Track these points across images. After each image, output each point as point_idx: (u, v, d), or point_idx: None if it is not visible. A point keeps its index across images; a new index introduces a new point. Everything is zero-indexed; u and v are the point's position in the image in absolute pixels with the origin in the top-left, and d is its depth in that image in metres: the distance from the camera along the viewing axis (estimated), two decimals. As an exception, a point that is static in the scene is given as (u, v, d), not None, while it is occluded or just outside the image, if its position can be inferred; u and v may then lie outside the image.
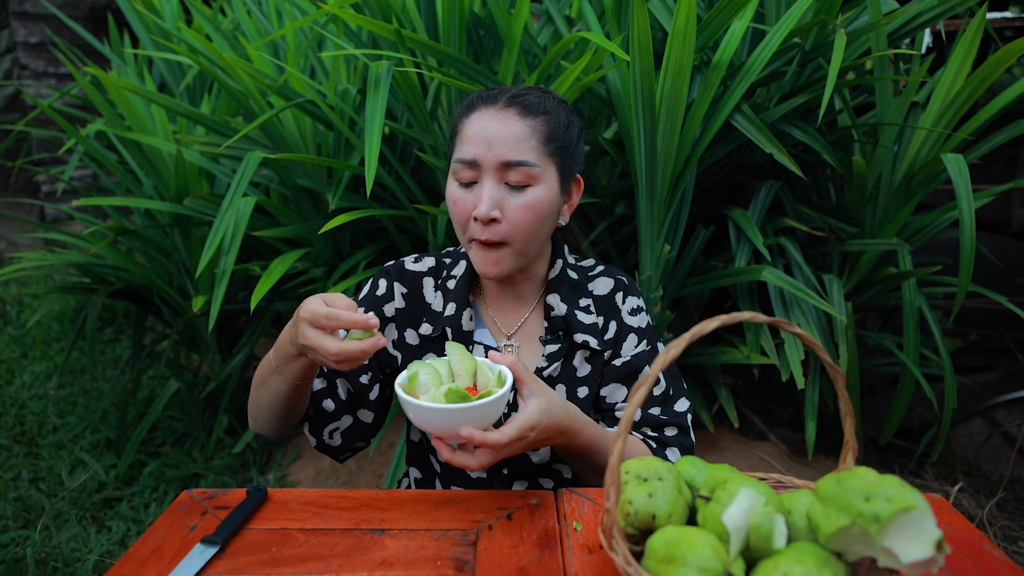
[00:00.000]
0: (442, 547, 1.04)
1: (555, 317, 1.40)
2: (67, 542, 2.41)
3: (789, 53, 2.26)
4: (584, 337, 1.40)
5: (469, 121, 1.30)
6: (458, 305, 1.40)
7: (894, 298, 2.57)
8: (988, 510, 2.66)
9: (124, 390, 3.08)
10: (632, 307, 1.46)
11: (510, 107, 1.28)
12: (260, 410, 1.32)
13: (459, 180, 1.30)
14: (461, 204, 1.30)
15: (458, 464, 1.09)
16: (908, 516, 0.78)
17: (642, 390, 0.85)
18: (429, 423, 1.06)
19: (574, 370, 1.42)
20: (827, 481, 0.85)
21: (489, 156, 1.26)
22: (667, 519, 0.92)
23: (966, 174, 2.08)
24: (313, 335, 1.09)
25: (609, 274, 1.49)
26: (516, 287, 1.44)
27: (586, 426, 1.24)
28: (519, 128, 1.26)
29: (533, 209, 1.28)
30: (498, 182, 1.27)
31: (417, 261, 1.48)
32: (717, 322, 0.87)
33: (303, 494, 1.19)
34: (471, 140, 1.28)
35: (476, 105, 1.32)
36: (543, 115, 1.29)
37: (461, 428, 1.04)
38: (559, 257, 1.44)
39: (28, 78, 5.55)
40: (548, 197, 1.29)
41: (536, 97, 1.31)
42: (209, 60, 2.41)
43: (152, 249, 2.87)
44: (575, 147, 1.36)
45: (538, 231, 1.31)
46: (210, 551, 1.01)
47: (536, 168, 1.27)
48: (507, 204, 1.27)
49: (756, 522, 0.85)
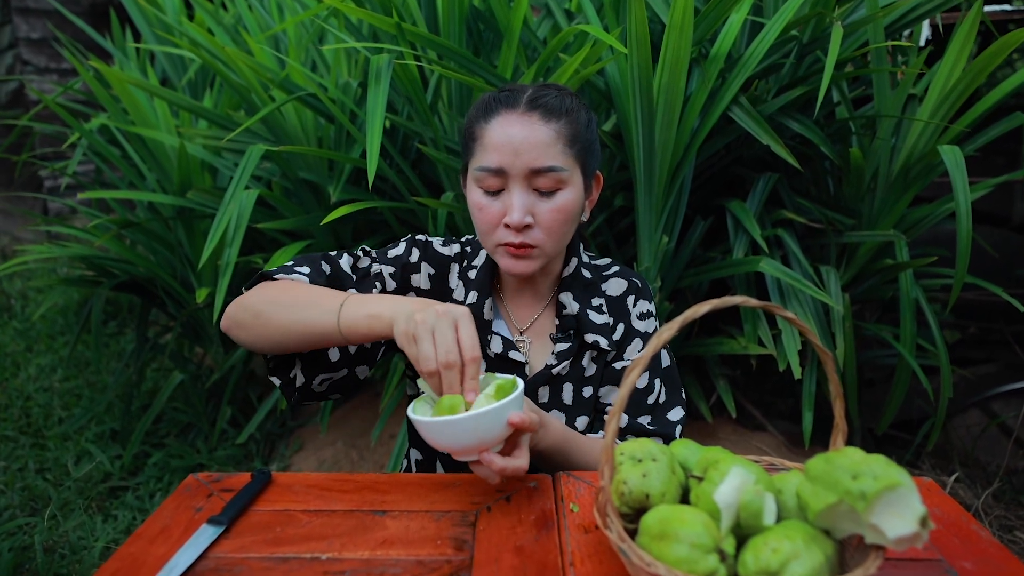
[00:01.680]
0: (442, 527, 1.06)
1: (567, 316, 1.40)
2: (74, 530, 2.44)
3: (787, 46, 2.28)
4: (595, 337, 1.40)
5: (490, 127, 1.26)
6: (480, 294, 1.40)
7: (891, 289, 2.58)
8: (984, 500, 2.68)
9: (128, 382, 3.11)
10: (642, 311, 1.46)
11: (532, 111, 1.25)
12: (263, 330, 1.23)
13: (484, 188, 1.28)
14: (488, 211, 1.28)
15: (514, 469, 1.07)
16: (894, 493, 0.79)
17: (635, 371, 0.87)
18: (488, 427, 1.02)
19: (582, 370, 1.42)
20: (816, 461, 0.87)
21: (517, 164, 1.23)
22: (661, 498, 0.94)
23: (962, 165, 2.10)
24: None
25: (624, 275, 1.48)
26: (534, 283, 1.44)
27: (551, 421, 1.25)
28: (545, 133, 1.23)
29: (564, 212, 1.27)
30: (526, 189, 1.25)
31: (445, 245, 1.46)
32: (709, 306, 0.89)
33: (306, 477, 1.21)
34: (495, 147, 1.24)
35: (495, 109, 1.28)
36: (565, 116, 1.26)
37: (512, 417, 1.03)
38: (574, 255, 1.43)
39: (31, 74, 5.56)
40: (576, 199, 1.28)
41: (554, 97, 1.28)
42: (211, 54, 2.43)
43: (156, 242, 2.90)
44: (594, 143, 1.35)
45: (568, 231, 1.31)
46: (216, 531, 1.04)
47: (565, 172, 1.25)
48: (537, 209, 1.26)
49: (746, 500, 0.87)
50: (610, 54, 2.14)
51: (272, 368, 1.32)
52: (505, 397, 1.04)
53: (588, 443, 1.33)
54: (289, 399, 1.36)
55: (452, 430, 1.01)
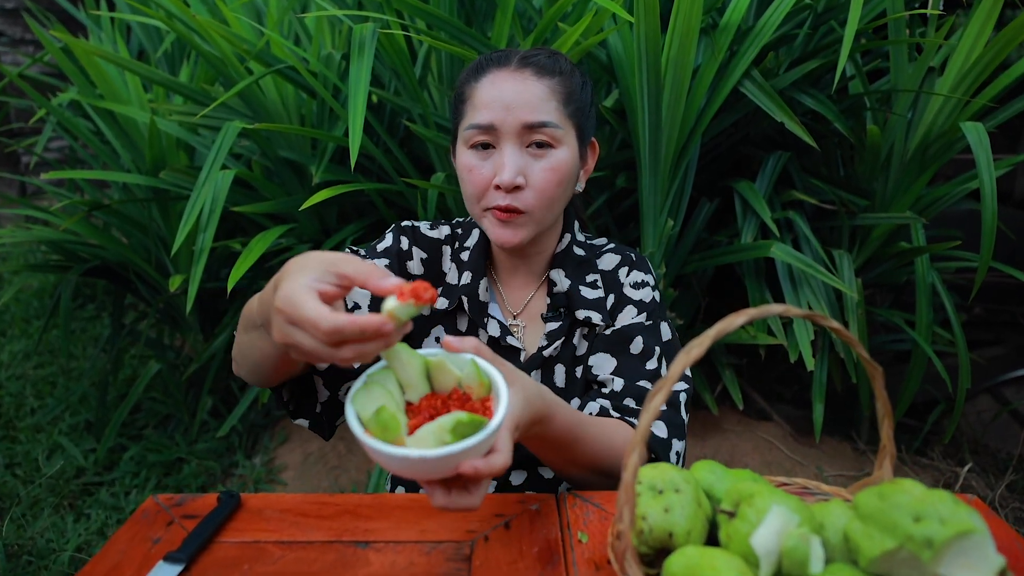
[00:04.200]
0: (433, 562, 0.94)
1: (557, 293, 1.33)
2: (42, 533, 2.31)
3: (800, 15, 2.15)
4: (587, 313, 1.31)
5: (480, 85, 1.22)
6: (474, 275, 1.32)
7: (906, 273, 2.47)
8: (999, 492, 2.60)
9: (104, 370, 2.96)
10: (636, 280, 1.36)
11: (525, 67, 1.21)
12: (243, 359, 1.10)
13: (475, 145, 1.23)
14: (478, 172, 1.22)
15: (459, 508, 0.84)
16: (966, 540, 0.68)
17: (660, 395, 0.74)
18: (425, 471, 0.80)
19: (574, 349, 1.33)
20: (868, 496, 0.76)
21: (509, 119, 1.18)
22: (686, 537, 0.81)
23: (987, 143, 1.98)
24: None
25: (618, 251, 1.40)
26: (527, 261, 1.36)
27: (559, 408, 1.06)
28: (538, 88, 1.20)
29: (557, 172, 1.21)
30: (519, 147, 1.20)
31: (433, 228, 1.39)
32: (745, 316, 0.76)
33: (280, 500, 1.08)
34: (486, 104, 1.20)
35: (485, 68, 1.24)
36: (559, 75, 1.23)
37: (462, 466, 0.80)
38: (568, 232, 1.37)
39: (5, 45, 5.41)
40: (570, 160, 1.23)
41: (547, 58, 1.24)
42: (185, 25, 2.28)
43: (129, 225, 2.73)
44: (590, 108, 1.30)
45: (560, 196, 1.25)
46: (174, 570, 0.91)
47: (559, 130, 1.20)
48: (530, 169, 1.21)
49: (790, 545, 0.75)
50: (613, 23, 2.00)
51: (293, 411, 1.22)
52: (466, 437, 0.79)
53: (597, 429, 1.15)
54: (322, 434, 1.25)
55: (387, 461, 0.79)
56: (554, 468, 1.19)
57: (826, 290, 2.21)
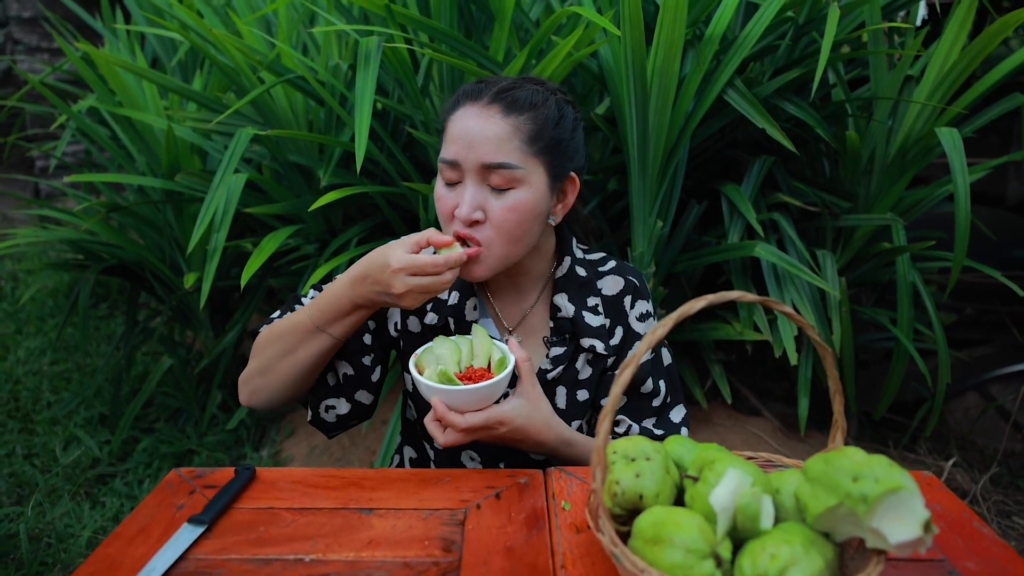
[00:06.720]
0: (430, 527, 1.04)
1: (562, 319, 1.37)
2: (60, 518, 2.41)
3: (782, 27, 2.24)
4: (591, 342, 1.36)
5: (453, 118, 1.25)
6: (461, 294, 1.37)
7: (888, 273, 2.56)
8: (982, 485, 2.67)
9: (118, 366, 3.07)
10: (640, 312, 1.42)
11: (494, 103, 1.23)
12: (272, 379, 1.28)
13: (443, 179, 1.27)
14: (443, 202, 1.26)
15: (430, 431, 1.17)
16: (896, 496, 0.78)
17: (627, 371, 0.84)
18: (422, 394, 1.18)
19: (576, 372, 1.39)
20: (815, 461, 0.85)
21: (470, 157, 1.21)
22: (654, 499, 0.91)
23: (961, 148, 2.07)
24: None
25: (620, 272, 1.44)
26: (514, 281, 1.40)
27: (572, 447, 1.28)
28: (500, 128, 1.21)
29: (516, 211, 1.22)
30: (480, 183, 1.23)
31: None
32: (704, 301, 0.86)
33: (291, 473, 1.19)
34: (453, 139, 1.24)
35: (461, 101, 1.27)
36: (529, 111, 1.23)
37: (432, 397, 1.14)
38: (567, 254, 1.40)
39: (21, 53, 5.51)
40: (533, 198, 1.24)
41: (526, 91, 1.25)
42: (200, 36, 2.39)
43: (144, 225, 2.86)
44: (568, 143, 1.30)
45: (524, 234, 1.26)
46: (197, 530, 1.01)
47: (519, 170, 1.21)
48: (489, 206, 1.23)
49: (743, 503, 0.85)
50: (603, 36, 2.10)
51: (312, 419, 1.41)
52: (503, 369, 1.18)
53: (590, 444, 1.32)
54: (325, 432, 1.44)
55: (464, 398, 1.14)
56: None
57: (810, 289, 2.30)
